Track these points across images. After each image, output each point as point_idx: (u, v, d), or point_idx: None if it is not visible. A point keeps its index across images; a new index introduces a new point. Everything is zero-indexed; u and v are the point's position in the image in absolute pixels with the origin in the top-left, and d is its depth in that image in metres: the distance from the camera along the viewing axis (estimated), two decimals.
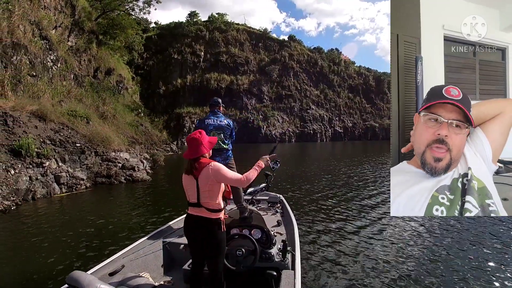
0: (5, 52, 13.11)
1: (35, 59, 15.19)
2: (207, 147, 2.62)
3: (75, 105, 15.32)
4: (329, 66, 66.25)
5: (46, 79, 15.66)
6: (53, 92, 14.52)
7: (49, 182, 8.63)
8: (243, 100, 55.09)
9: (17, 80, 12.81)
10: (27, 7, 16.00)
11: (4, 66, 12.77)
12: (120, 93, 28.86)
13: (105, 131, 12.92)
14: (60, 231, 5.95)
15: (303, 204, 8.24)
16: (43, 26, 16.81)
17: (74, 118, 12.34)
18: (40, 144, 9.50)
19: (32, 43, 15.29)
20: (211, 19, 60.81)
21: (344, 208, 7.84)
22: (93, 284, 2.00)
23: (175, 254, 3.57)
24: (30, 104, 11.15)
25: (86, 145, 10.87)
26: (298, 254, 3.17)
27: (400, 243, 5.34)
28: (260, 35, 63.50)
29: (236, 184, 2.57)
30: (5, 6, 14.18)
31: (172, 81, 53.02)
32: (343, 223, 6.58)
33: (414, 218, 6.53)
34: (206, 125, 4.25)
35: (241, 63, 57.63)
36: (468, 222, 6.39)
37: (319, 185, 11.04)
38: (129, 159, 12.32)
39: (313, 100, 61.19)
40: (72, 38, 22.07)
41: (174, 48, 55.35)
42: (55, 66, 17.69)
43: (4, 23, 13.44)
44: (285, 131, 55.95)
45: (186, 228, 2.63)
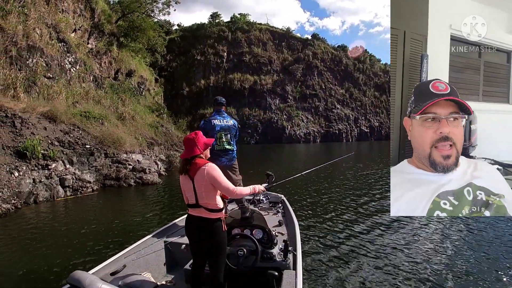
0: (20, 55, 13.09)
1: (52, 62, 15.18)
2: (201, 148, 2.61)
3: (92, 107, 15.19)
4: (354, 64, 64.21)
5: (63, 81, 15.60)
6: (69, 94, 14.33)
7: (53, 185, 8.29)
8: (267, 100, 54.36)
9: (31, 82, 12.73)
10: (43, 10, 16.06)
11: (19, 68, 12.75)
12: (142, 95, 28.88)
13: (117, 132, 12.53)
14: (54, 234, 5.71)
15: (305, 204, 8.15)
16: (60, 29, 16.82)
17: (87, 119, 12.03)
18: (47, 145, 9.17)
19: (49, 46, 15.29)
20: (233, 20, 60.51)
21: (346, 207, 7.80)
22: (94, 283, 2.00)
23: (176, 254, 3.59)
24: (41, 106, 10.93)
25: (96, 146, 10.51)
26: (299, 254, 3.15)
27: (402, 243, 5.28)
28: (283, 34, 62.55)
29: (225, 192, 2.57)
30: (21, 10, 14.21)
31: (196, 82, 53.28)
32: (345, 223, 6.55)
33: (417, 219, 6.43)
34: (213, 126, 4.22)
35: (264, 62, 56.97)
36: (475, 222, 6.30)
37: (324, 185, 10.93)
38: (141, 161, 11.88)
39: (338, 99, 59.51)
40: (92, 40, 22.19)
41: (197, 50, 55.61)
42: (74, 68, 17.68)
43: (20, 26, 13.44)
44: (309, 131, 54.70)
45: (187, 228, 2.66)
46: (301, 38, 64.63)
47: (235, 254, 2.84)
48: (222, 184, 2.50)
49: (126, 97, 21.90)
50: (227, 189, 2.52)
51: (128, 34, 26.21)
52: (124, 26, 25.96)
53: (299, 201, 8.41)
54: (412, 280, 4.00)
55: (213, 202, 2.53)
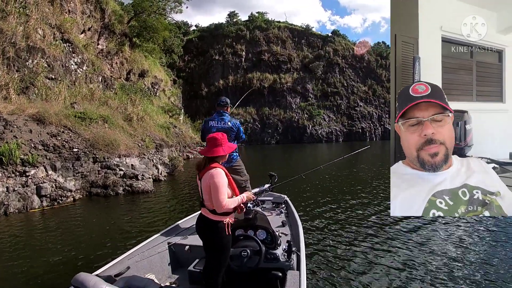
0: (19, 56, 12.72)
1: (55, 62, 14.80)
2: (226, 150, 2.66)
3: (96, 108, 14.70)
4: (377, 61, 61.34)
5: (67, 82, 15.18)
6: (69, 95, 13.85)
7: (27, 194, 7.53)
8: (287, 99, 52.93)
9: (29, 83, 12.30)
10: (47, 11, 15.73)
11: (17, 69, 12.36)
12: (156, 95, 28.52)
13: (112, 134, 11.77)
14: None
15: (308, 205, 8.01)
16: (65, 29, 16.44)
17: (82, 120, 11.36)
18: (29, 150, 8.47)
19: (52, 47, 14.91)
20: (251, 18, 59.52)
21: (350, 208, 7.72)
22: (98, 285, 2.03)
23: (180, 255, 3.59)
24: (32, 107, 10.34)
25: (85, 150, 9.75)
26: (303, 255, 3.17)
27: (404, 244, 5.25)
28: (302, 31, 60.80)
29: (215, 204, 2.55)
30: (22, 11, 13.86)
31: (214, 82, 52.67)
32: (348, 223, 6.50)
33: (420, 219, 6.31)
34: (209, 127, 4.25)
35: (284, 61, 55.51)
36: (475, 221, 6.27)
37: (331, 185, 10.70)
38: (136, 166, 11.02)
39: (360, 96, 57.03)
40: (102, 41, 21.90)
41: (215, 49, 54.93)
42: (80, 69, 17.34)
43: (20, 27, 13.07)
44: (331, 130, 52.78)
45: (196, 226, 2.80)
46: (321, 35, 62.45)
47: (239, 254, 2.86)
48: (216, 195, 2.51)
49: (136, 97, 21.44)
50: (219, 202, 2.51)
51: (141, 34, 25.86)
52: (136, 26, 25.60)
53: (304, 201, 8.20)
54: (417, 281, 3.96)
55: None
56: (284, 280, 2.75)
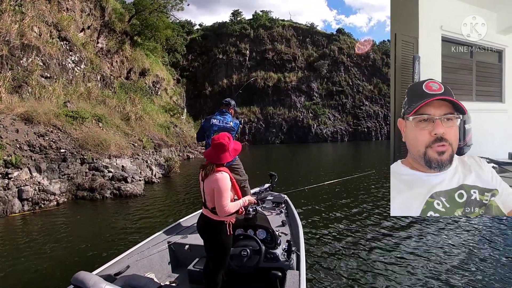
0: (12, 54, 12.50)
1: (50, 60, 14.57)
2: (232, 155, 2.67)
3: (92, 107, 14.54)
4: (382, 59, 60.39)
5: (64, 80, 14.95)
6: (63, 93, 13.60)
7: (8, 197, 7.24)
8: (292, 98, 52.46)
9: (22, 81, 12.08)
10: (44, 9, 15.53)
11: (10, 68, 12.14)
12: (157, 94, 28.27)
13: (102, 133, 11.47)
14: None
15: (308, 205, 7.98)
16: (62, 27, 16.21)
17: (73, 119, 11.09)
18: (14, 150, 8.20)
19: (48, 45, 14.69)
20: (255, 17, 59.05)
21: (350, 208, 7.73)
22: (98, 284, 2.02)
23: (180, 254, 3.60)
24: (21, 106, 10.10)
25: (72, 150, 9.46)
26: (303, 254, 3.18)
27: (404, 244, 5.25)
28: (307, 30, 60.18)
29: (217, 207, 2.53)
30: (18, 9, 13.66)
31: (218, 81, 52.38)
32: (349, 223, 6.51)
33: (421, 219, 6.32)
34: (211, 125, 4.30)
35: (288, 59, 55.04)
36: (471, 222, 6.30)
37: (331, 185, 10.22)
38: (126, 167, 10.67)
39: (366, 95, 56.26)
40: (102, 39, 21.68)
41: (219, 48, 54.64)
42: (78, 68, 17.11)
43: (15, 25, 12.86)
44: (337, 129, 52.17)
45: (197, 225, 2.81)
46: (326, 33, 61.68)
47: (239, 254, 2.87)
48: (219, 199, 2.51)
49: (136, 96, 21.19)
50: (221, 206, 2.51)
51: (142, 33, 25.61)
52: (138, 24, 25.35)
53: (304, 201, 8.13)
54: (417, 280, 3.96)
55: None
56: (284, 279, 2.79)
